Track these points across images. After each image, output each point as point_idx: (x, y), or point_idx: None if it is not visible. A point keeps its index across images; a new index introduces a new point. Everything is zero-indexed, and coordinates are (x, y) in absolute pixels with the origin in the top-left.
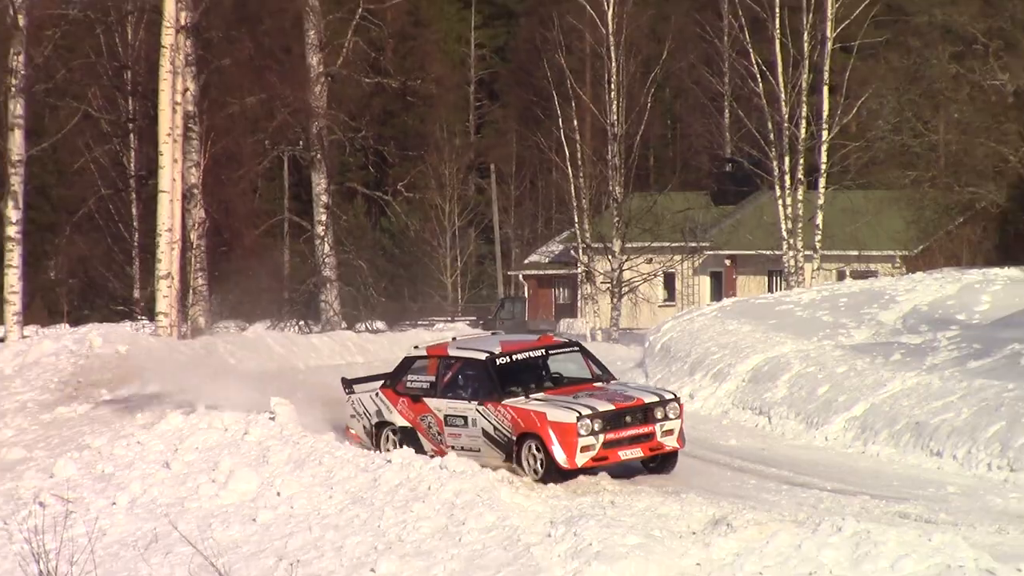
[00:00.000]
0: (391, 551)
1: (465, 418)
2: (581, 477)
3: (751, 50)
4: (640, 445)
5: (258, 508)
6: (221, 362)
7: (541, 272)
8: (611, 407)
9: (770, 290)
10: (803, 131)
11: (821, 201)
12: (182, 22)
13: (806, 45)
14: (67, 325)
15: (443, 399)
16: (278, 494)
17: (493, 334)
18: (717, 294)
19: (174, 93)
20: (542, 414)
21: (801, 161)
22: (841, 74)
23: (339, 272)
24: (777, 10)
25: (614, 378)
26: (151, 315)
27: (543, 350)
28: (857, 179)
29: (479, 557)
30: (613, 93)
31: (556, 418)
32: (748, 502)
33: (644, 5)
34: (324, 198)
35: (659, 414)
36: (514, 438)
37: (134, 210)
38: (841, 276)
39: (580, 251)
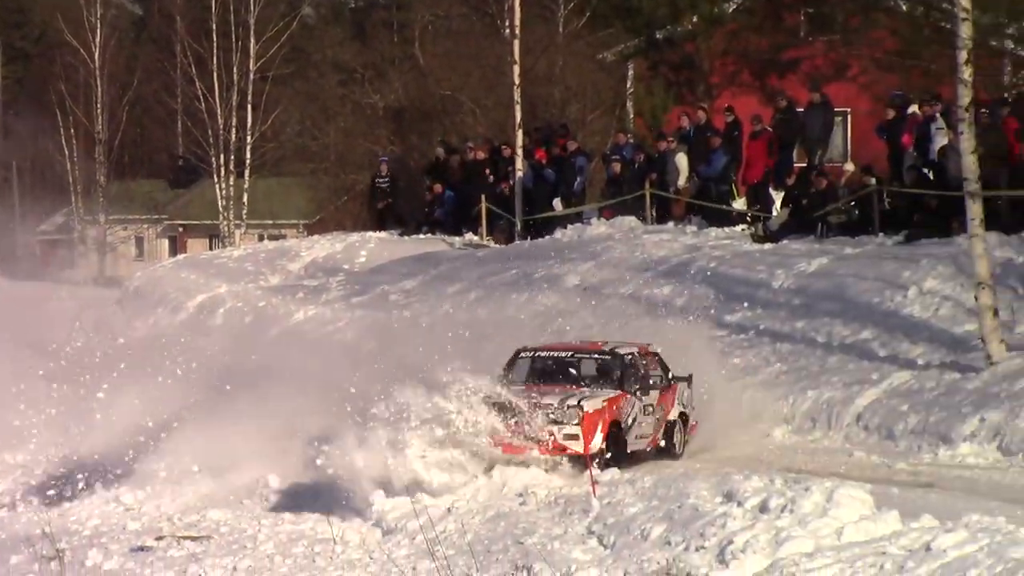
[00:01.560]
0: None
1: None
2: None
3: (196, 79)
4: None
5: None
6: None
7: (49, 237)
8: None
9: (211, 249)
10: (234, 136)
11: (247, 186)
12: None
13: (236, 75)
14: None
15: None
16: None
17: None
18: (174, 252)
19: None
20: None
21: (232, 157)
22: (260, 96)
23: None
24: (215, 50)
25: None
26: None
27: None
28: (272, 170)
29: None
30: (99, 109)
31: None
32: None
33: (120, 48)
34: None
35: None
36: None
37: None
38: (261, 239)
39: (77, 221)
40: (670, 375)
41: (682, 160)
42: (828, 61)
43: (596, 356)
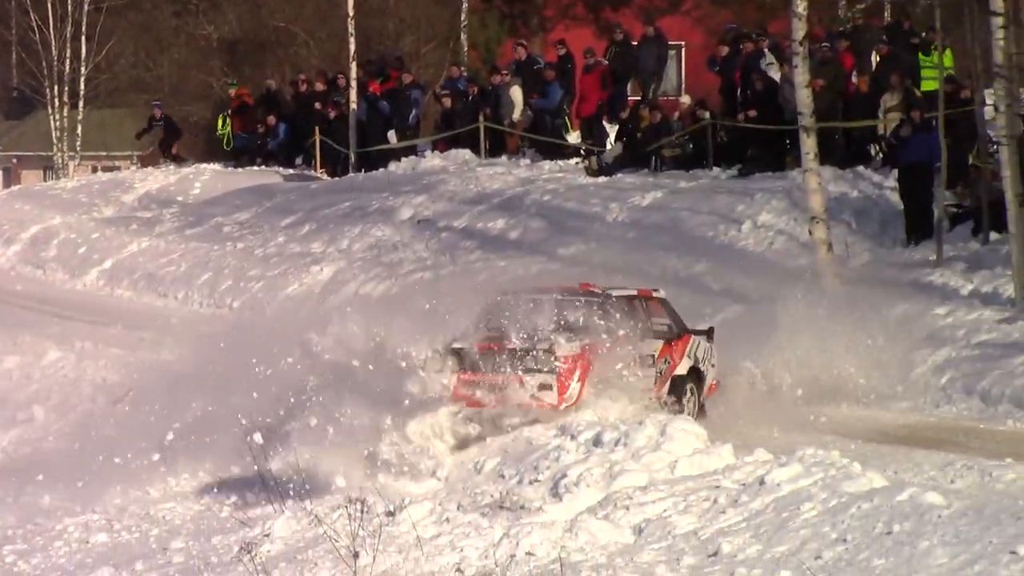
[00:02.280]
0: None
1: None
2: None
3: (30, 10)
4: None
5: None
6: None
7: None
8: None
9: (45, 180)
10: (68, 67)
11: (81, 117)
12: None
13: (70, 6)
14: None
15: None
16: None
17: None
18: (8, 183)
19: None
20: None
21: (66, 89)
22: (95, 27)
23: None
24: None
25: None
26: None
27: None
28: (107, 101)
29: None
30: None
31: None
32: None
33: None
34: None
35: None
36: None
37: None
38: (95, 170)
39: None
40: (680, 326)
41: (516, 93)
42: None
43: (582, 298)
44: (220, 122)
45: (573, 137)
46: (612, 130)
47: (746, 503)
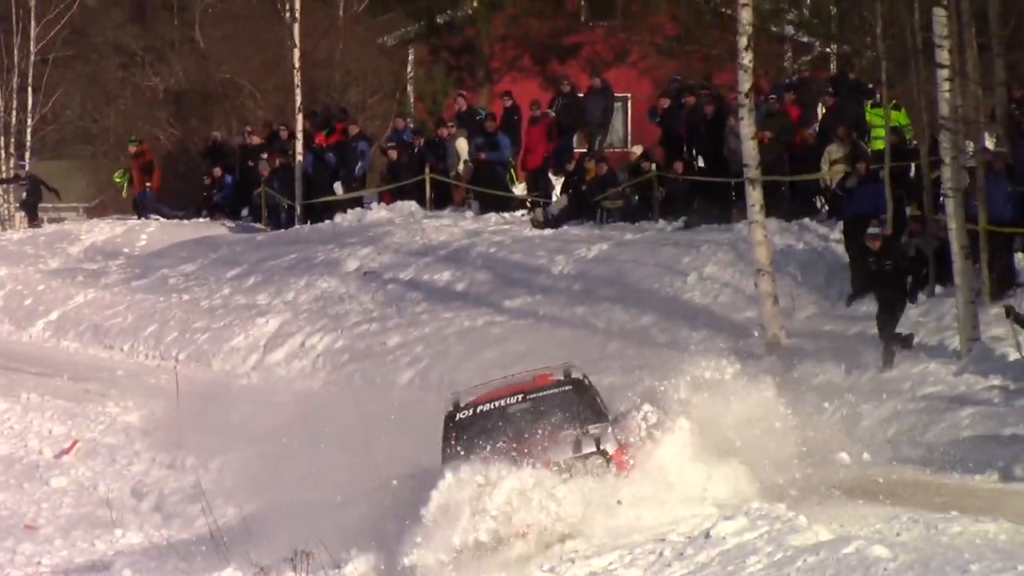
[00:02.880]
0: None
1: None
2: None
3: None
4: None
5: None
6: None
7: None
8: None
9: None
10: (15, 119)
11: (28, 169)
12: None
13: (17, 57)
14: None
15: None
16: None
17: None
18: None
19: None
20: None
21: (13, 139)
22: (41, 78)
23: None
24: None
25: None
26: None
27: (521, 395)
28: (53, 152)
29: None
30: None
31: None
32: None
33: None
34: None
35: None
36: None
37: None
38: (41, 222)
39: None
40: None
41: (461, 144)
42: (609, 46)
43: (553, 390)
44: (119, 174)
45: (519, 189)
46: (558, 182)
47: (691, 556)
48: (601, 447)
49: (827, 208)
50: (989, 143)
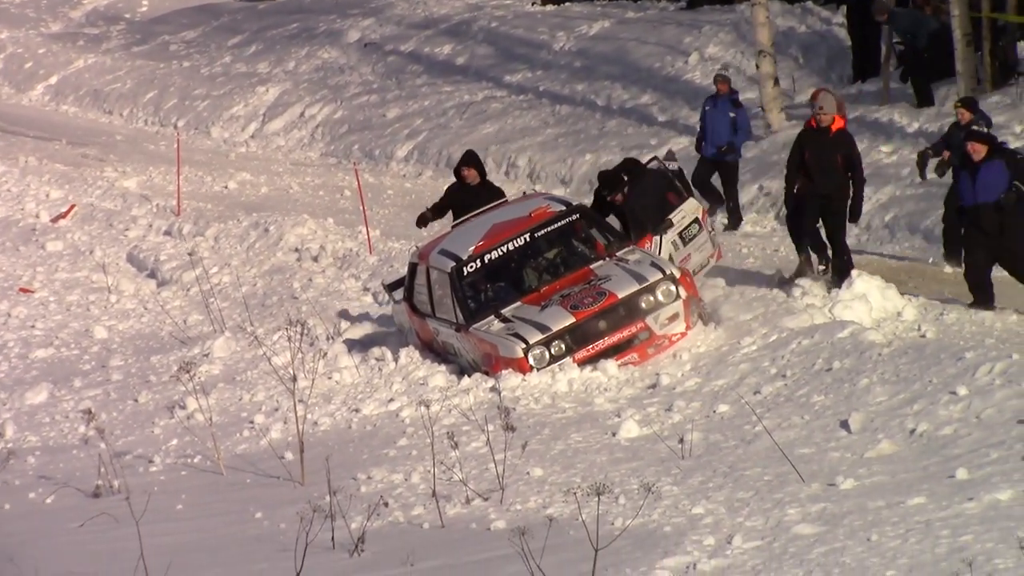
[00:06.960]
0: None
1: (456, 350)
2: None
3: None
4: (630, 351)
5: None
6: None
7: None
8: (571, 320)
9: None
10: None
11: None
12: None
13: None
14: None
15: (438, 321)
16: None
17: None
18: None
19: None
20: (494, 349)
21: None
22: None
23: None
24: None
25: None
26: None
27: (527, 235)
28: None
29: None
30: None
31: (506, 354)
32: None
33: None
34: None
35: (647, 303)
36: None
37: None
38: None
39: None
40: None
41: None
42: None
43: (560, 222)
44: None
45: None
46: None
47: None
48: (667, 271)
49: None
50: None
